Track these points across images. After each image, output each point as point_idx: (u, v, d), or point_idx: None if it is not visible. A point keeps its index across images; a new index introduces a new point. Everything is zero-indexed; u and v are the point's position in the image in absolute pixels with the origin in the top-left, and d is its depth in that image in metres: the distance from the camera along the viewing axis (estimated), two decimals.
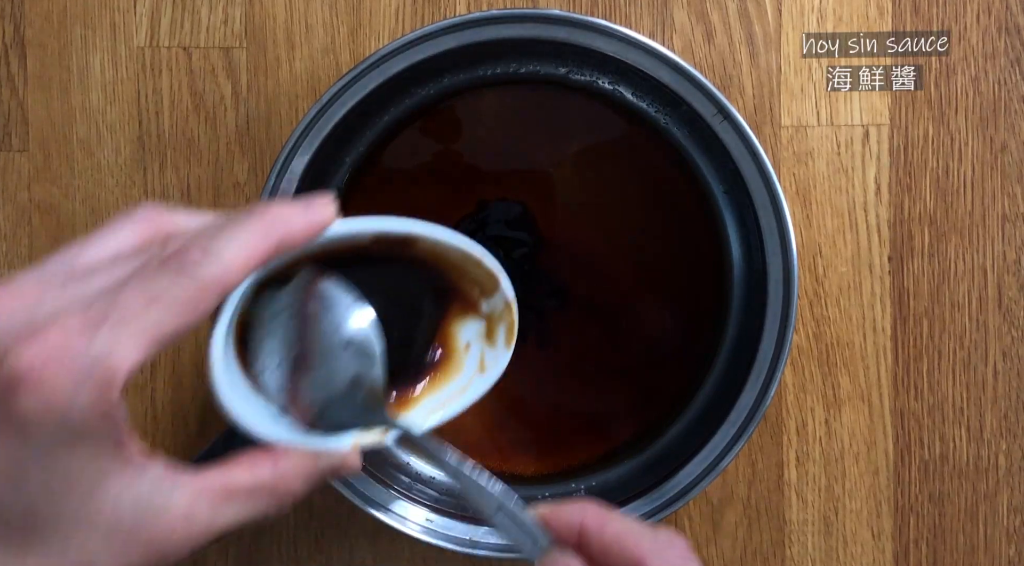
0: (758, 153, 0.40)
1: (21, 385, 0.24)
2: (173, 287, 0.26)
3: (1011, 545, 0.47)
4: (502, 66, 0.43)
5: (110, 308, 0.25)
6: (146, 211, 0.29)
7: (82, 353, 0.24)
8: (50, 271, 0.26)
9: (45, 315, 0.25)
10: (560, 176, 0.44)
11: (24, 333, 0.24)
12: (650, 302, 0.45)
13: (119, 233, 0.28)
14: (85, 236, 0.28)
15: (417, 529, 0.41)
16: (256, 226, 0.27)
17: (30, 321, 0.24)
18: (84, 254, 0.27)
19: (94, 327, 0.24)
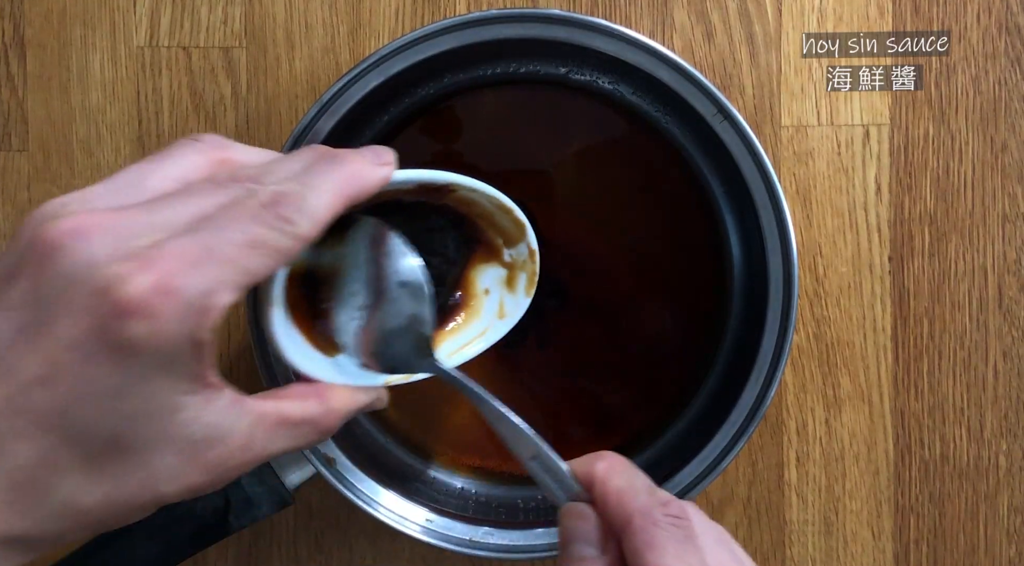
0: (758, 153, 0.40)
1: (132, 313, 0.24)
2: (272, 236, 0.26)
3: (1011, 545, 0.47)
4: (502, 66, 0.43)
5: (215, 245, 0.25)
6: (209, 139, 0.29)
7: (191, 287, 0.24)
8: (122, 189, 0.26)
9: (147, 242, 0.25)
10: (560, 176, 0.44)
11: (129, 258, 0.24)
12: (650, 302, 0.45)
13: (185, 158, 0.28)
14: (152, 155, 0.28)
15: (417, 529, 0.41)
16: (339, 178, 0.28)
17: (130, 245, 0.24)
18: (153, 174, 0.27)
19: (202, 262, 0.25)
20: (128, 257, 0.24)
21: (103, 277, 0.24)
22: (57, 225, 0.24)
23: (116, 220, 0.25)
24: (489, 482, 0.45)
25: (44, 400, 0.24)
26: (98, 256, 0.24)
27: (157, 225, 0.25)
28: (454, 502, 0.44)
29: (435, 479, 0.45)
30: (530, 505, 0.44)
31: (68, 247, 0.24)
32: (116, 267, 0.24)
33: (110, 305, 0.24)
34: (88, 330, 0.24)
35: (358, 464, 0.42)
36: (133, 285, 0.24)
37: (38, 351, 0.24)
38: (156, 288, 0.24)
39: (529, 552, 0.41)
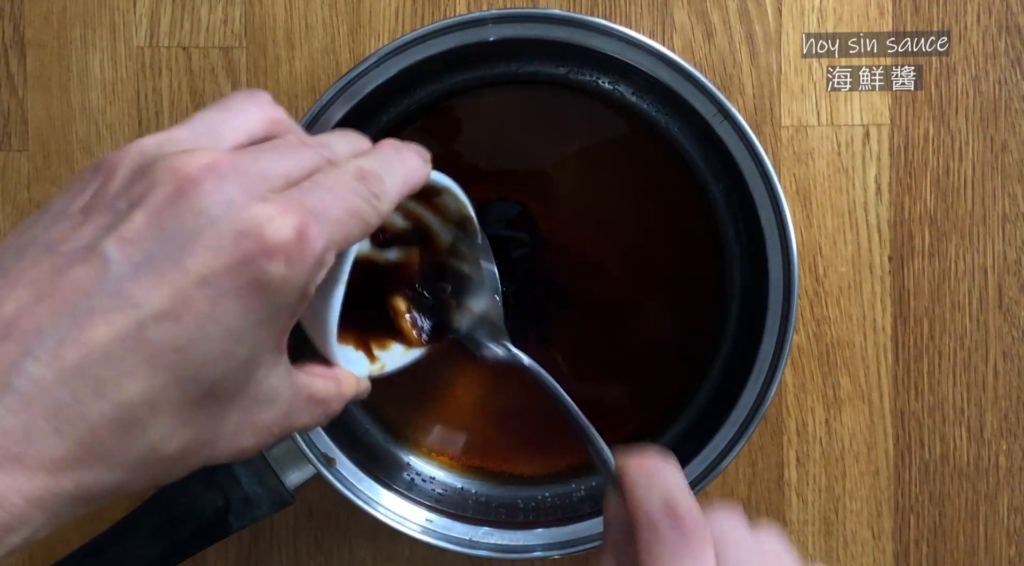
0: (758, 153, 0.40)
1: (275, 253, 0.24)
2: (367, 209, 0.27)
3: (1011, 545, 0.47)
4: (502, 66, 0.42)
5: (328, 205, 0.26)
6: (263, 96, 0.29)
7: (321, 239, 0.25)
8: (203, 136, 0.26)
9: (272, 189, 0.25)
10: (560, 176, 0.44)
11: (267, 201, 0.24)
12: (650, 302, 0.45)
13: (247, 112, 0.28)
14: (213, 106, 0.28)
15: (417, 529, 0.41)
16: (407, 169, 0.30)
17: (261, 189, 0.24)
18: (225, 124, 0.27)
19: (323, 218, 0.25)
20: (263, 198, 0.24)
21: (249, 217, 0.24)
22: (192, 160, 0.24)
23: (239, 164, 0.25)
24: (489, 482, 0.45)
25: (164, 335, 0.23)
26: (238, 196, 0.24)
27: (269, 177, 0.25)
28: (454, 502, 0.44)
29: (435, 479, 0.45)
30: (530, 505, 0.44)
31: (206, 184, 0.24)
32: (261, 208, 0.24)
33: (255, 244, 0.23)
34: (226, 266, 0.23)
35: (358, 464, 0.42)
36: (278, 227, 0.24)
37: (164, 284, 0.23)
38: (298, 234, 0.24)
39: (529, 552, 0.41)
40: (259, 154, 0.26)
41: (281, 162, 0.26)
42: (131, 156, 0.25)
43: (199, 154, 0.24)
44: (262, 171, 0.25)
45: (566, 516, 0.43)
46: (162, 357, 0.23)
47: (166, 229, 0.23)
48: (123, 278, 0.23)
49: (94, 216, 0.24)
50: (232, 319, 0.24)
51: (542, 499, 0.44)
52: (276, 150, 0.27)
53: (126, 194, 0.24)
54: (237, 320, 0.24)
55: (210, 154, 0.24)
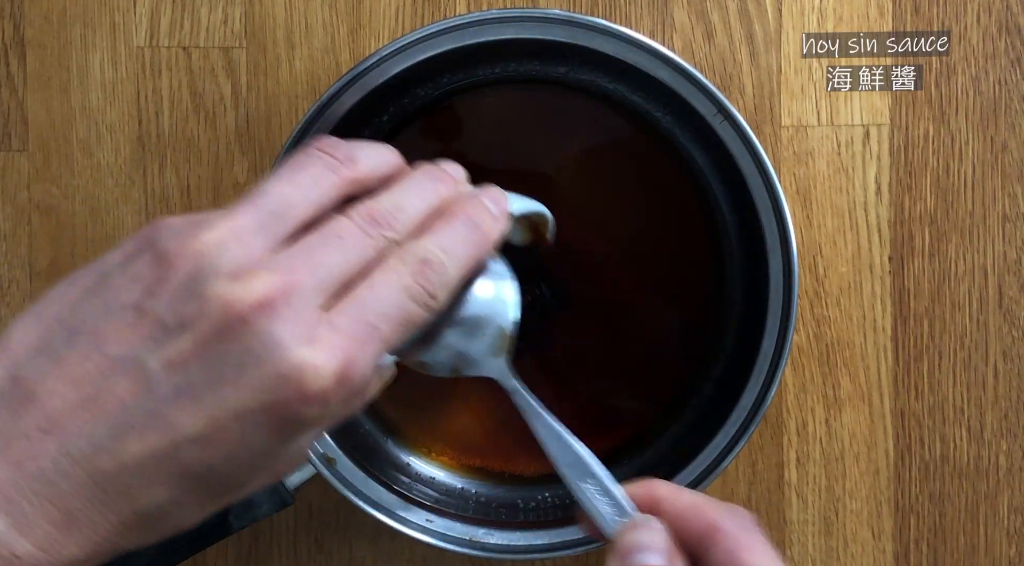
0: (758, 153, 0.40)
1: (312, 400, 0.24)
2: (419, 312, 0.27)
3: (1012, 545, 0.47)
4: (502, 66, 0.42)
5: (376, 322, 0.26)
6: (334, 151, 0.28)
7: (362, 372, 0.25)
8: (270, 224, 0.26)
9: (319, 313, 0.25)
10: (560, 176, 0.44)
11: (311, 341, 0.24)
12: (650, 302, 0.45)
13: (320, 181, 0.28)
14: (283, 172, 0.27)
15: (417, 529, 0.41)
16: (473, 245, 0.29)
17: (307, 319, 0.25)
18: (294, 203, 0.27)
19: (369, 342, 0.26)
20: (311, 340, 0.24)
21: (292, 364, 0.24)
22: (245, 295, 0.24)
23: (293, 289, 0.25)
24: (489, 482, 0.45)
25: (195, 457, 0.25)
26: (285, 339, 0.24)
27: (321, 287, 0.26)
28: (454, 502, 0.44)
29: (435, 479, 0.45)
30: (530, 505, 0.44)
31: (255, 325, 0.24)
32: (303, 353, 0.24)
33: (294, 391, 0.24)
34: (261, 405, 0.24)
35: (358, 464, 0.42)
36: (319, 375, 0.24)
37: (201, 412, 0.24)
38: (337, 378, 0.25)
39: (529, 552, 0.41)
40: (318, 256, 0.26)
41: (339, 262, 0.26)
42: (189, 259, 0.25)
43: (256, 286, 0.24)
44: (318, 282, 0.25)
45: (566, 516, 0.43)
46: (191, 473, 0.25)
47: (211, 360, 0.24)
48: (163, 400, 0.24)
49: (144, 323, 0.25)
50: (262, 446, 0.25)
51: (542, 499, 0.44)
52: (337, 244, 0.26)
53: (177, 310, 0.25)
54: (267, 446, 0.25)
55: (263, 286, 0.24)
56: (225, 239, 0.25)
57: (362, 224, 0.27)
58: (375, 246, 0.27)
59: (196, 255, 0.25)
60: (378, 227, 0.27)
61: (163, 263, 0.25)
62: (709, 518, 0.30)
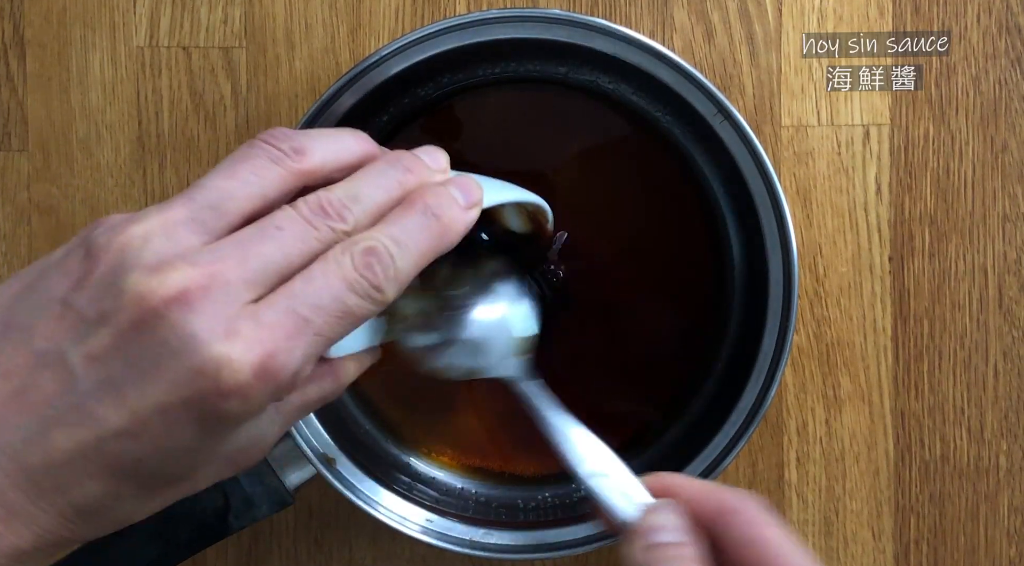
0: (758, 153, 0.40)
1: (231, 394, 0.24)
2: (362, 306, 0.26)
3: (1012, 545, 0.47)
4: (502, 66, 0.42)
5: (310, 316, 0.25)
6: (281, 142, 0.27)
7: (288, 367, 0.25)
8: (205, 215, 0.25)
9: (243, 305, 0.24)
10: (560, 176, 0.44)
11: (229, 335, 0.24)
12: (650, 302, 0.45)
13: (262, 172, 0.27)
14: (223, 165, 0.27)
15: (417, 529, 0.41)
16: (430, 236, 0.28)
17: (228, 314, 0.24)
18: (234, 195, 0.26)
19: (298, 336, 0.25)
20: (228, 334, 0.24)
21: (207, 359, 0.24)
22: (160, 288, 0.24)
23: (213, 282, 0.24)
24: (489, 482, 0.45)
25: (122, 450, 0.24)
26: (200, 332, 0.24)
27: (251, 280, 0.25)
28: (454, 502, 0.44)
29: (435, 479, 0.45)
30: (530, 505, 0.44)
31: (169, 318, 0.24)
32: (218, 348, 0.24)
33: (210, 385, 0.24)
34: (182, 400, 0.24)
35: (358, 464, 0.42)
36: (235, 370, 0.24)
37: (124, 407, 0.24)
38: (257, 373, 0.24)
39: (529, 552, 0.41)
40: (250, 248, 0.25)
41: (273, 254, 0.25)
42: (114, 253, 0.25)
43: (173, 278, 0.24)
44: (247, 275, 0.25)
45: (566, 516, 0.43)
46: (121, 466, 0.25)
47: (128, 353, 0.24)
48: (85, 394, 0.24)
49: (69, 316, 0.25)
50: (188, 440, 0.25)
51: (542, 499, 0.44)
52: (274, 235, 0.26)
53: (97, 303, 0.25)
54: (194, 441, 0.25)
55: (181, 279, 0.24)
56: (152, 232, 0.25)
57: (308, 215, 0.26)
58: (320, 238, 0.26)
59: (119, 248, 0.25)
60: (326, 218, 0.26)
61: (90, 257, 0.25)
62: (724, 499, 0.29)
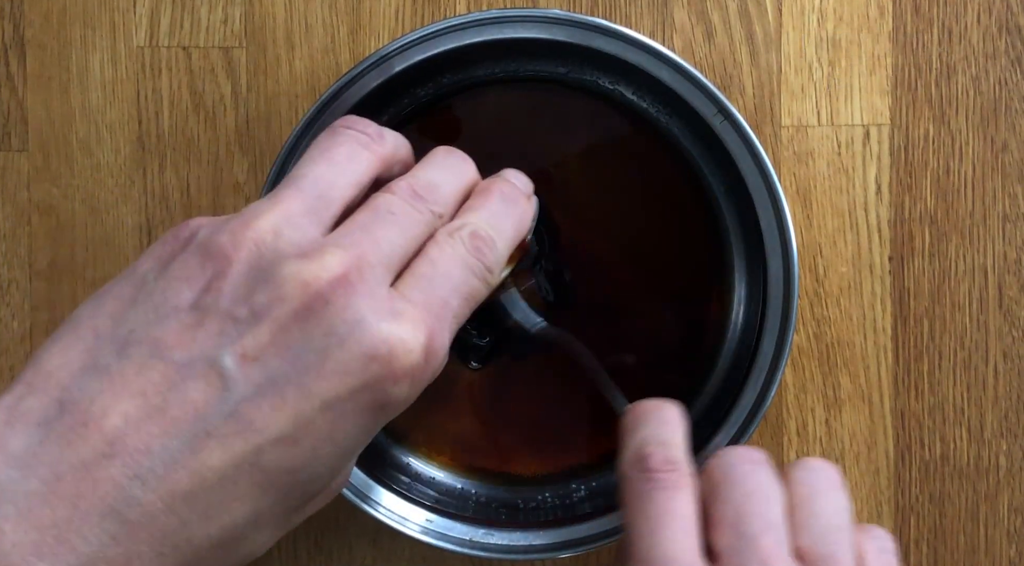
0: (758, 153, 0.40)
1: (404, 377, 0.23)
2: (480, 287, 0.26)
3: (1012, 545, 0.47)
4: (502, 66, 0.42)
5: (448, 297, 0.25)
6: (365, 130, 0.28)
7: (444, 345, 0.24)
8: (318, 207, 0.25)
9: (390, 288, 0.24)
10: (559, 176, 0.44)
11: (394, 316, 0.23)
12: (650, 302, 0.45)
13: (355, 159, 0.27)
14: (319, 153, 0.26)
15: (417, 529, 0.41)
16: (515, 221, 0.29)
17: (383, 295, 0.23)
18: (335, 183, 0.26)
19: (444, 317, 0.25)
20: (394, 315, 0.23)
21: (380, 341, 0.23)
22: (323, 272, 0.23)
23: (364, 264, 0.23)
24: (489, 482, 0.45)
25: (278, 459, 0.22)
26: (367, 314, 0.23)
27: (387, 264, 0.24)
28: (454, 502, 0.44)
29: (435, 479, 0.45)
30: (530, 505, 0.44)
31: (337, 301, 0.22)
32: (389, 329, 0.23)
33: (383, 370, 0.23)
34: (350, 390, 0.23)
35: (358, 464, 0.42)
36: (408, 350, 0.23)
37: (287, 409, 0.22)
38: (426, 353, 0.23)
39: (529, 552, 0.41)
40: (376, 232, 0.25)
41: (397, 238, 0.25)
42: (248, 249, 0.23)
43: (329, 262, 0.23)
44: (383, 258, 0.24)
45: (566, 516, 0.43)
46: (275, 479, 0.23)
47: (292, 348, 0.22)
48: (243, 400, 0.22)
49: (210, 320, 0.23)
50: (348, 439, 0.24)
51: (542, 499, 0.44)
52: (391, 219, 0.25)
53: (247, 301, 0.23)
54: (352, 439, 0.24)
55: (340, 261, 0.23)
56: (279, 226, 0.24)
57: (408, 199, 0.26)
58: (425, 221, 0.26)
59: (254, 243, 0.23)
60: (424, 202, 0.26)
61: (216, 258, 0.23)
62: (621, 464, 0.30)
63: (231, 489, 0.22)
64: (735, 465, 0.28)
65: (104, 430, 0.21)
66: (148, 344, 0.22)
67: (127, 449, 0.21)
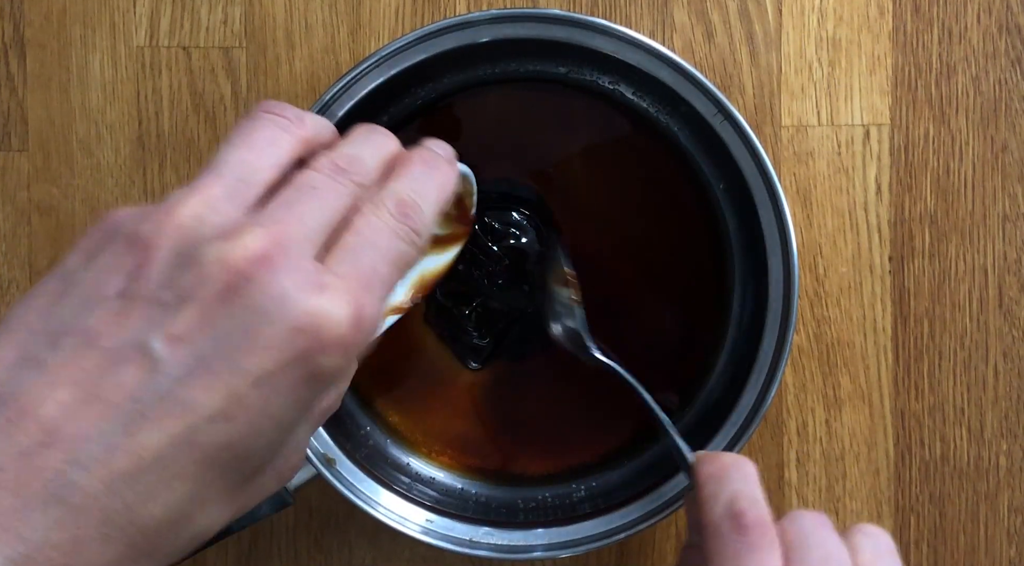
0: (758, 153, 0.40)
1: (333, 347, 0.23)
2: (409, 252, 0.27)
3: (1012, 545, 0.47)
4: (502, 66, 0.42)
5: (376, 265, 0.25)
6: (283, 112, 0.28)
7: (374, 314, 0.25)
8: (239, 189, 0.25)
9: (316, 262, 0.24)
10: (559, 176, 0.44)
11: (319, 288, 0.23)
12: (650, 302, 0.45)
13: (275, 141, 0.27)
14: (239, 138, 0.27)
15: (417, 529, 0.41)
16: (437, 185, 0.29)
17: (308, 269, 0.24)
18: (256, 165, 0.26)
19: (373, 285, 0.25)
20: (319, 288, 0.23)
21: (305, 313, 0.23)
22: (244, 251, 0.23)
23: (286, 240, 0.24)
24: (489, 482, 0.45)
25: (215, 436, 0.23)
26: (292, 290, 0.23)
27: (311, 238, 0.25)
28: (454, 502, 0.44)
29: (435, 479, 0.45)
30: (530, 505, 0.44)
31: (260, 277, 0.23)
32: (314, 302, 0.23)
33: (311, 342, 0.23)
34: (281, 365, 0.23)
35: (358, 464, 0.42)
36: (335, 321, 0.23)
37: (219, 387, 0.23)
38: (353, 323, 0.24)
39: (529, 552, 0.41)
40: (298, 208, 0.25)
41: (320, 212, 0.25)
42: (170, 235, 0.24)
43: (249, 241, 0.23)
44: (307, 233, 0.25)
45: (566, 516, 0.43)
46: (212, 456, 0.23)
47: (218, 327, 0.23)
48: (175, 381, 0.23)
49: (137, 307, 0.23)
50: (283, 412, 0.24)
51: (542, 499, 0.44)
52: (313, 194, 0.26)
53: (172, 285, 0.23)
54: (288, 412, 0.24)
55: (261, 240, 0.23)
56: (200, 211, 0.24)
57: (331, 174, 0.27)
58: (349, 193, 0.27)
59: (176, 230, 0.24)
60: (346, 174, 0.27)
61: (140, 246, 0.24)
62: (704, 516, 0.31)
63: (170, 468, 0.23)
64: (812, 531, 0.30)
65: (41, 420, 0.22)
66: (79, 334, 0.23)
67: (65, 436, 0.22)
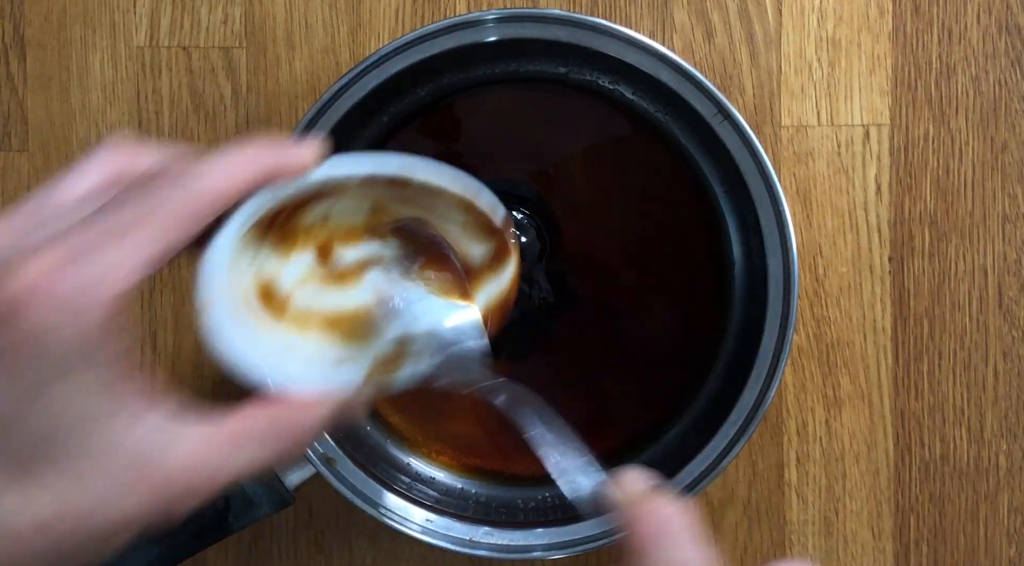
0: (758, 153, 0.40)
1: (4, 320, 0.23)
2: (161, 203, 0.25)
3: (1012, 545, 0.47)
4: (502, 66, 0.42)
5: (93, 234, 0.24)
6: (112, 147, 0.27)
7: (64, 281, 0.23)
8: (24, 211, 0.26)
9: (26, 250, 0.24)
10: (560, 176, 0.44)
11: (5, 269, 0.23)
12: (650, 302, 0.45)
13: (88, 172, 0.27)
14: (56, 177, 0.27)
15: (417, 529, 0.41)
16: (241, 154, 0.27)
17: (10, 259, 0.23)
18: (55, 194, 0.26)
19: (77, 255, 0.24)
20: (3, 268, 0.23)
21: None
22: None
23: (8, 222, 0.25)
24: (489, 482, 0.45)
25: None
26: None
27: (43, 234, 0.25)
28: (454, 502, 0.44)
29: (435, 479, 0.45)
30: (530, 505, 0.44)
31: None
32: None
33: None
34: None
35: (358, 464, 0.42)
36: (2, 290, 0.23)
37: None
38: (25, 288, 0.23)
39: (529, 552, 0.41)
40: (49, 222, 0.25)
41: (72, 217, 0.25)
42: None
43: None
44: (37, 224, 0.25)
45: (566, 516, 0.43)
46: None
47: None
48: None
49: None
50: (8, 386, 0.23)
51: (542, 499, 0.44)
52: (80, 208, 0.26)
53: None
54: (13, 385, 0.23)
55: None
56: None
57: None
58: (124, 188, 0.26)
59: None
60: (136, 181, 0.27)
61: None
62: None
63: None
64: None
65: None
66: None
67: None
